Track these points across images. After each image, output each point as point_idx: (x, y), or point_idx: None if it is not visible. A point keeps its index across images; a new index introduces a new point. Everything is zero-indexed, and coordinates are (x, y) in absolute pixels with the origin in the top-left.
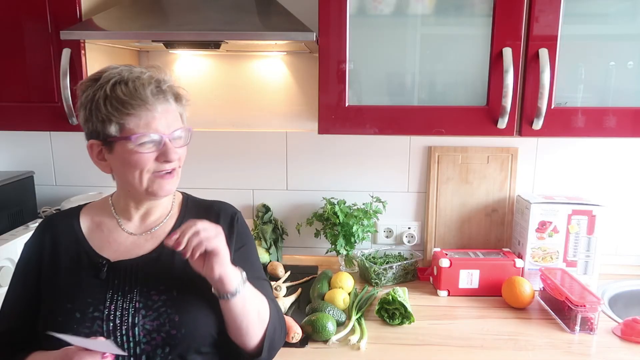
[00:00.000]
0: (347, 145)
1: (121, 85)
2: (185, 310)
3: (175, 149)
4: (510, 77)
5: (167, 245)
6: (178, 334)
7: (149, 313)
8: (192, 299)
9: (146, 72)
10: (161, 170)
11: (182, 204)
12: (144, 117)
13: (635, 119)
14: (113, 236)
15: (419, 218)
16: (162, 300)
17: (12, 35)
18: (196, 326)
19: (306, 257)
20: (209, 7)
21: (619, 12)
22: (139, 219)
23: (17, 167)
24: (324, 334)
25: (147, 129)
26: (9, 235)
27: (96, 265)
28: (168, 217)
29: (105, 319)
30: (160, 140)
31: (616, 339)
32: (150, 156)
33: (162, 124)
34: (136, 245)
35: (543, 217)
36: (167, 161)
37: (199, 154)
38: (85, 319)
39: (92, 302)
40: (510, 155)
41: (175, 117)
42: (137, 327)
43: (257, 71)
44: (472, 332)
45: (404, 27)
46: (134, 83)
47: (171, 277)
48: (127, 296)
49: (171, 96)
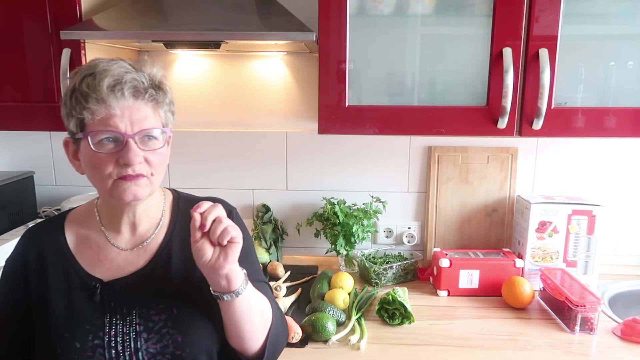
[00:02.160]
0: (347, 145)
1: (88, 78)
2: (187, 329)
3: (142, 151)
4: (510, 77)
5: (192, 214)
6: (183, 354)
7: (150, 335)
8: (192, 315)
9: (123, 67)
10: (123, 175)
11: (173, 205)
12: (99, 113)
13: (635, 119)
14: (104, 253)
15: (419, 218)
16: (162, 321)
17: (12, 35)
18: (200, 343)
19: (306, 257)
20: (209, 7)
21: (619, 12)
22: (129, 231)
23: (17, 167)
24: (324, 334)
25: (104, 126)
26: (9, 235)
27: (88, 286)
28: (159, 228)
29: (107, 347)
30: (121, 140)
31: (616, 339)
32: (110, 158)
33: (124, 123)
34: (128, 261)
35: (543, 217)
36: (126, 164)
37: (199, 154)
38: (86, 348)
39: (90, 329)
40: (510, 155)
41: (145, 117)
42: (141, 352)
43: (257, 71)
44: (472, 332)
45: (404, 27)
46: (100, 76)
47: (169, 293)
48: (126, 319)
49: (136, 92)
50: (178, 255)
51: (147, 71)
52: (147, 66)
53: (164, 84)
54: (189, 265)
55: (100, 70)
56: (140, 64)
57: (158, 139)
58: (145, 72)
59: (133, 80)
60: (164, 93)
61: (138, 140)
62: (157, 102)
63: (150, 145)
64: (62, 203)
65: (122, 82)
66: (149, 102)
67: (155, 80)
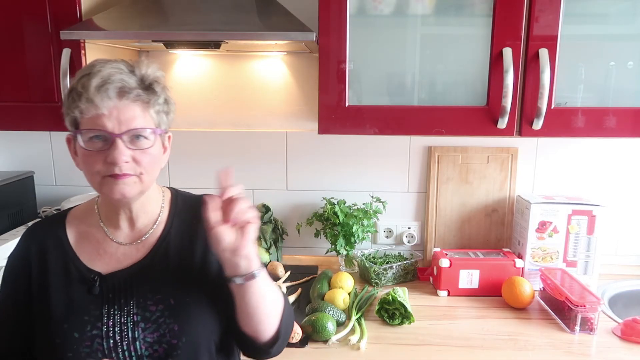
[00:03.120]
0: (347, 145)
1: (84, 78)
2: (184, 319)
3: (131, 150)
4: (510, 77)
5: (220, 178)
6: (179, 343)
7: (148, 325)
8: (190, 305)
9: (116, 68)
10: (110, 173)
11: (171, 202)
12: (88, 112)
13: (635, 119)
14: (103, 247)
15: (419, 218)
16: (159, 311)
17: (12, 35)
18: (197, 333)
19: (306, 257)
20: (209, 7)
21: (619, 12)
22: (127, 226)
23: (17, 167)
24: (324, 334)
25: (93, 125)
26: (9, 235)
27: (88, 280)
28: (157, 223)
29: (105, 336)
30: (109, 138)
31: (616, 339)
32: (99, 155)
33: (111, 122)
34: (127, 255)
35: (543, 217)
36: (112, 163)
37: (199, 154)
38: (84, 337)
39: (89, 320)
40: (510, 155)
41: (134, 116)
42: (138, 341)
43: (257, 71)
44: (472, 332)
45: (404, 27)
46: (93, 76)
47: (166, 284)
48: (123, 310)
49: (121, 92)
50: (176, 249)
51: (141, 72)
52: (142, 67)
53: (158, 84)
54: (186, 258)
55: (95, 71)
56: (137, 65)
57: (148, 138)
58: (138, 73)
59: (120, 80)
60: (155, 94)
61: (127, 139)
62: (146, 103)
63: (139, 144)
64: (62, 203)
65: (109, 82)
66: (136, 101)
67: (146, 81)
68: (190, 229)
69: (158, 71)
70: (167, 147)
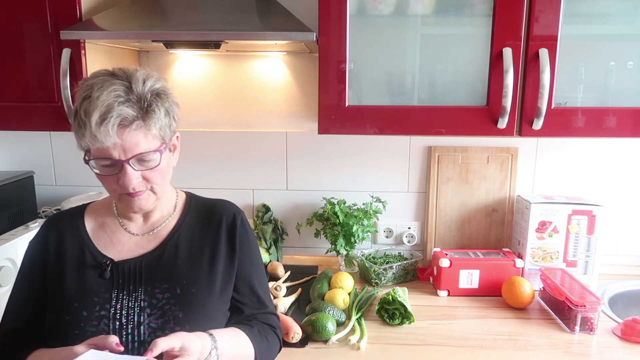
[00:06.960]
0: (347, 145)
1: (85, 102)
2: (189, 307)
3: (139, 171)
4: (510, 77)
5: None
6: (182, 330)
7: (153, 311)
8: (195, 295)
9: (114, 92)
10: (125, 192)
11: (185, 203)
12: (94, 145)
13: (635, 119)
14: (116, 236)
15: (419, 218)
16: (166, 298)
17: (12, 35)
18: (200, 322)
19: (306, 257)
20: (209, 7)
21: (619, 12)
22: (141, 219)
23: (17, 167)
24: (324, 334)
25: (102, 154)
26: (9, 235)
27: (100, 264)
28: (170, 218)
29: (112, 318)
30: (118, 164)
31: (616, 339)
32: (112, 178)
33: (117, 151)
34: (139, 245)
35: (543, 217)
36: (123, 186)
37: (200, 154)
38: (92, 317)
39: (98, 301)
40: (510, 155)
41: (137, 142)
42: (143, 326)
43: (257, 71)
44: (472, 332)
45: (404, 27)
46: (92, 105)
47: (174, 275)
48: (132, 295)
49: (122, 126)
50: (186, 243)
51: (139, 89)
52: (140, 82)
53: (158, 99)
54: (195, 253)
55: (94, 96)
56: (134, 80)
57: (153, 159)
58: (136, 90)
59: (119, 115)
60: (154, 114)
61: (134, 162)
62: (147, 129)
63: (147, 165)
64: (62, 203)
65: (108, 117)
66: (137, 130)
67: (145, 101)
68: (202, 227)
69: (157, 82)
70: (176, 145)
